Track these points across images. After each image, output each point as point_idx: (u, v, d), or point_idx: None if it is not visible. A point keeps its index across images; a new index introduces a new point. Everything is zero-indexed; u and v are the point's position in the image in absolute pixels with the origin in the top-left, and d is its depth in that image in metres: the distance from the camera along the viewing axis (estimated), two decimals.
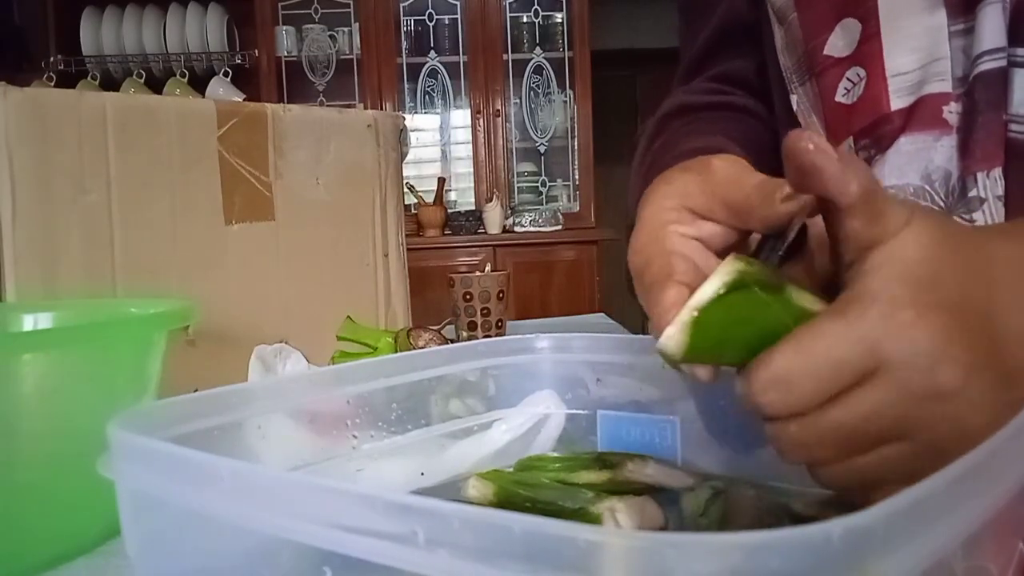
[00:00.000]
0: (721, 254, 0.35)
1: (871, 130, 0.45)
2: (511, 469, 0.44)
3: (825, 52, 0.47)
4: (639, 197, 0.38)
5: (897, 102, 0.44)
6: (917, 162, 0.43)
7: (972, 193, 0.41)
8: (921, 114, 0.43)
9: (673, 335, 0.30)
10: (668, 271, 0.33)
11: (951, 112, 0.42)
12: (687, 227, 0.35)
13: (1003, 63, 0.41)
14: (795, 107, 0.51)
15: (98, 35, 2.85)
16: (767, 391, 0.28)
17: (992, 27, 0.41)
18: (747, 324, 0.29)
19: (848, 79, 0.46)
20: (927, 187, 0.43)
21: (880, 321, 0.27)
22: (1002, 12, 0.41)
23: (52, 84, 2.72)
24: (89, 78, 2.82)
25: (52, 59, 2.84)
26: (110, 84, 2.82)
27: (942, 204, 0.42)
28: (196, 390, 0.36)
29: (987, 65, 0.41)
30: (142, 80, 2.80)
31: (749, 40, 0.56)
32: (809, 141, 0.28)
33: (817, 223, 0.32)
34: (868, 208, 0.28)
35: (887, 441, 0.28)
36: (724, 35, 0.60)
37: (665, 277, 0.33)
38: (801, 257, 0.33)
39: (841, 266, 0.30)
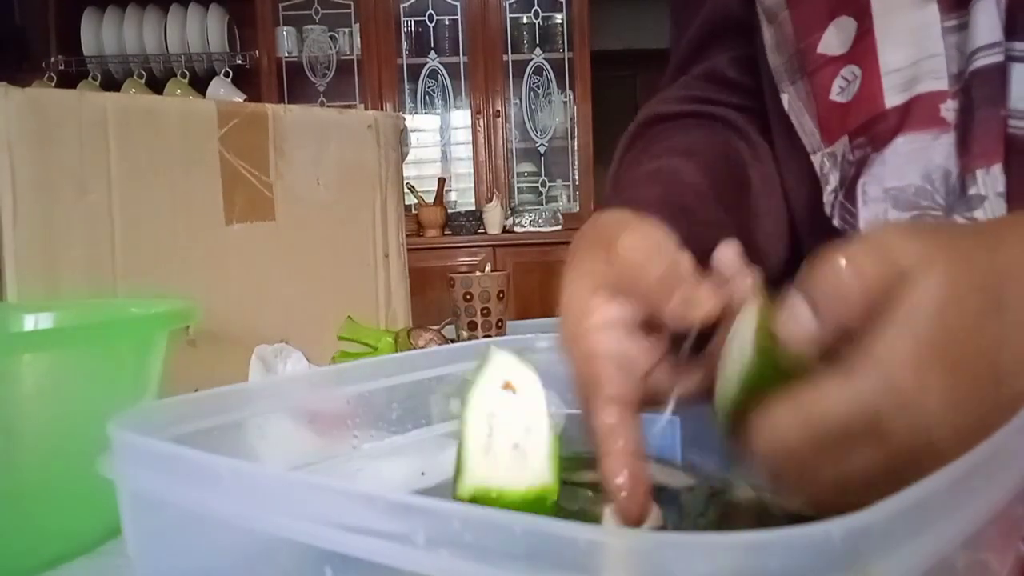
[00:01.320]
0: (644, 329, 0.36)
1: (866, 128, 0.45)
2: None
3: (819, 50, 0.47)
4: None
5: (891, 99, 0.44)
6: (916, 162, 0.43)
7: (972, 191, 0.41)
8: (918, 113, 0.43)
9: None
10: (597, 384, 0.34)
11: (948, 110, 0.42)
12: (603, 314, 0.36)
13: (1000, 58, 0.40)
14: (786, 106, 0.51)
15: (99, 35, 2.85)
16: (767, 456, 0.28)
17: (987, 22, 0.40)
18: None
19: (843, 77, 0.46)
20: (927, 186, 0.43)
21: (882, 391, 0.26)
22: (996, 6, 0.40)
23: (53, 84, 2.72)
24: (90, 78, 2.83)
25: (53, 59, 2.84)
26: (111, 84, 2.82)
27: (942, 203, 0.42)
28: (196, 390, 0.36)
29: (983, 61, 0.41)
30: (143, 80, 2.80)
31: (738, 36, 0.56)
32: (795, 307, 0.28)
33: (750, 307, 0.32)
34: (873, 306, 0.27)
35: (873, 487, 0.28)
36: (712, 31, 0.60)
37: (596, 392, 0.34)
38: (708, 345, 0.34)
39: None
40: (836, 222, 0.47)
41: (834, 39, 0.46)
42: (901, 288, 0.27)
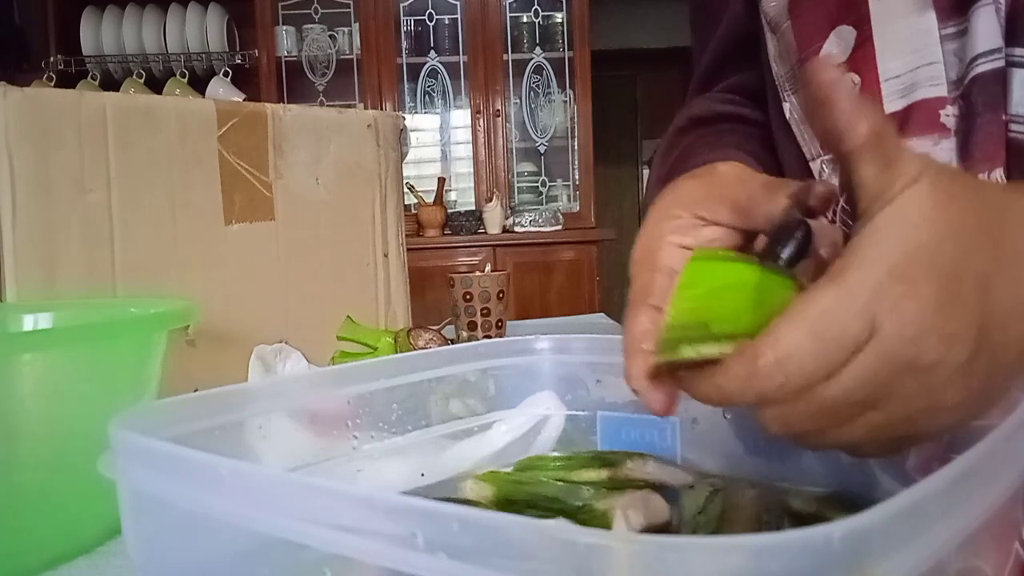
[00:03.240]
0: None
1: None
2: (510, 470, 0.44)
3: None
4: None
5: (890, 105, 0.44)
6: None
7: None
8: (918, 119, 0.43)
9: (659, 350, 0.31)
10: (647, 291, 0.34)
11: (948, 116, 0.43)
12: (684, 236, 0.35)
13: (1000, 64, 0.41)
14: (788, 115, 0.51)
15: (98, 35, 2.85)
16: (775, 375, 0.27)
17: (986, 29, 0.41)
18: (729, 292, 0.30)
19: None
20: None
21: (876, 293, 0.27)
22: (995, 13, 0.41)
23: (52, 84, 2.72)
24: (89, 78, 2.82)
25: (52, 59, 2.84)
26: (110, 84, 2.82)
27: None
28: (196, 390, 0.36)
29: (983, 67, 0.41)
30: (142, 80, 2.80)
31: (753, 51, 0.57)
32: (829, 71, 0.28)
33: (824, 229, 0.32)
34: (879, 153, 0.28)
35: (866, 410, 0.29)
36: (729, 48, 0.61)
37: (641, 299, 0.34)
38: (807, 260, 0.33)
39: (857, 219, 0.30)
40: (838, 227, 0.47)
41: (835, 47, 0.47)
42: (899, 194, 0.28)
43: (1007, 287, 0.28)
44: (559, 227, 2.93)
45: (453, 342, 0.83)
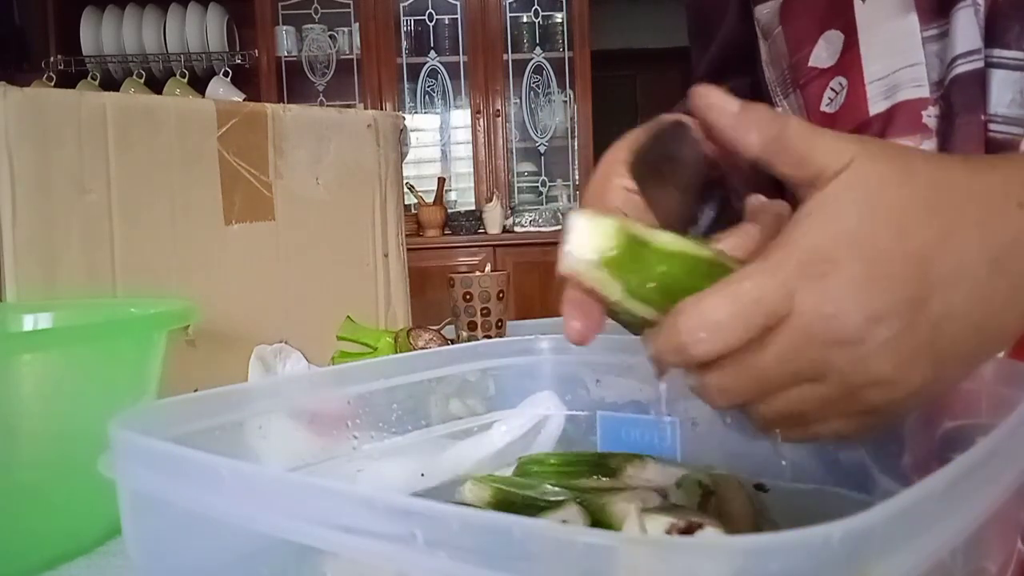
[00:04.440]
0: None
1: None
2: (511, 470, 0.44)
3: (810, 64, 0.48)
4: None
5: (875, 107, 0.45)
6: None
7: None
8: (900, 120, 0.44)
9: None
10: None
11: (929, 116, 0.43)
12: (630, 180, 0.36)
13: (979, 64, 0.41)
14: None
15: (98, 35, 2.85)
16: (698, 338, 0.28)
17: (966, 30, 0.41)
18: (673, 274, 0.30)
19: (832, 89, 0.47)
20: None
21: (797, 270, 0.28)
22: (975, 14, 0.41)
23: (52, 84, 2.72)
24: (89, 78, 2.82)
25: (52, 59, 2.84)
26: (110, 84, 2.82)
27: None
28: (196, 390, 0.36)
29: (963, 68, 0.42)
30: (142, 80, 2.80)
31: (750, 59, 0.57)
32: (706, 98, 0.30)
33: (767, 205, 0.33)
34: (785, 155, 0.29)
35: (802, 382, 0.29)
36: (726, 56, 0.62)
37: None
38: (736, 224, 0.34)
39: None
40: None
41: (824, 52, 0.47)
42: (828, 181, 0.28)
43: (946, 258, 0.28)
44: (559, 227, 2.92)
45: (453, 342, 0.83)
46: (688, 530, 0.30)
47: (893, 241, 0.28)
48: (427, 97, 3.12)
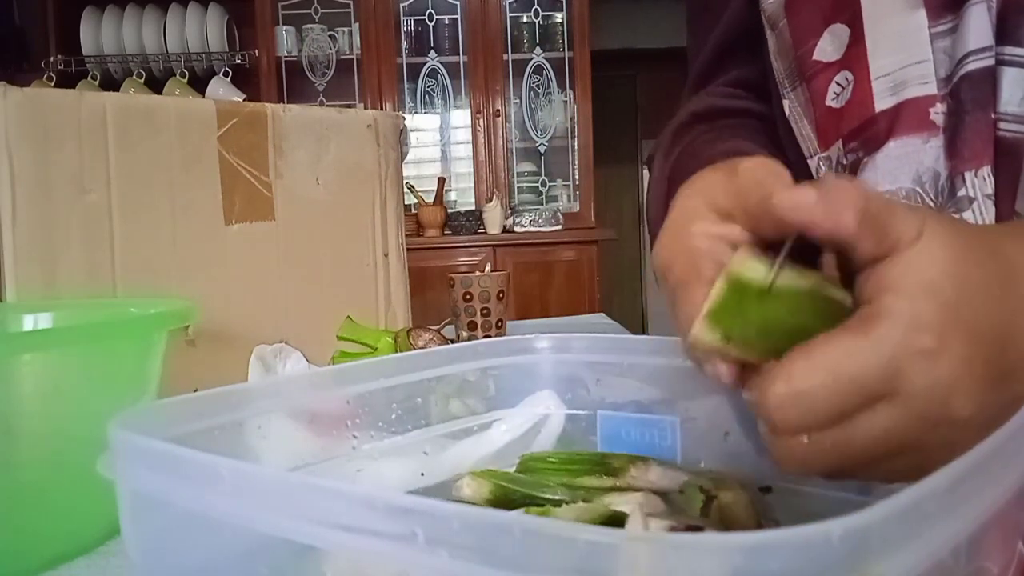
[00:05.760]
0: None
1: (859, 132, 0.46)
2: (512, 469, 0.44)
3: (815, 57, 0.48)
4: (662, 209, 0.37)
5: (881, 103, 0.44)
6: (908, 165, 0.43)
7: (961, 193, 0.41)
8: (908, 118, 0.43)
9: (698, 326, 0.30)
10: (695, 271, 0.32)
11: (937, 113, 0.43)
12: (712, 226, 0.33)
13: (990, 62, 0.41)
14: (787, 112, 0.52)
15: (98, 35, 2.85)
16: (784, 407, 0.27)
17: (978, 26, 0.41)
18: (773, 316, 0.29)
19: (837, 83, 0.47)
20: (918, 189, 0.43)
21: (903, 345, 0.26)
22: (987, 11, 0.41)
23: (52, 84, 2.72)
24: (89, 78, 2.82)
25: (52, 59, 2.84)
26: (110, 84, 2.82)
27: (932, 204, 0.43)
28: (196, 390, 0.36)
29: (973, 65, 0.41)
30: (142, 80, 2.80)
31: (754, 46, 0.57)
32: (786, 200, 0.28)
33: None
34: (872, 231, 0.27)
35: (892, 458, 0.28)
36: (730, 42, 0.61)
37: (693, 278, 0.32)
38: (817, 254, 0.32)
39: (852, 276, 0.29)
40: None
41: (829, 46, 0.47)
42: (905, 249, 0.27)
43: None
44: (559, 227, 2.93)
45: (453, 342, 0.83)
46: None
47: (982, 316, 0.27)
48: (427, 97, 3.12)
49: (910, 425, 0.27)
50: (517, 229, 2.93)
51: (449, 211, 2.98)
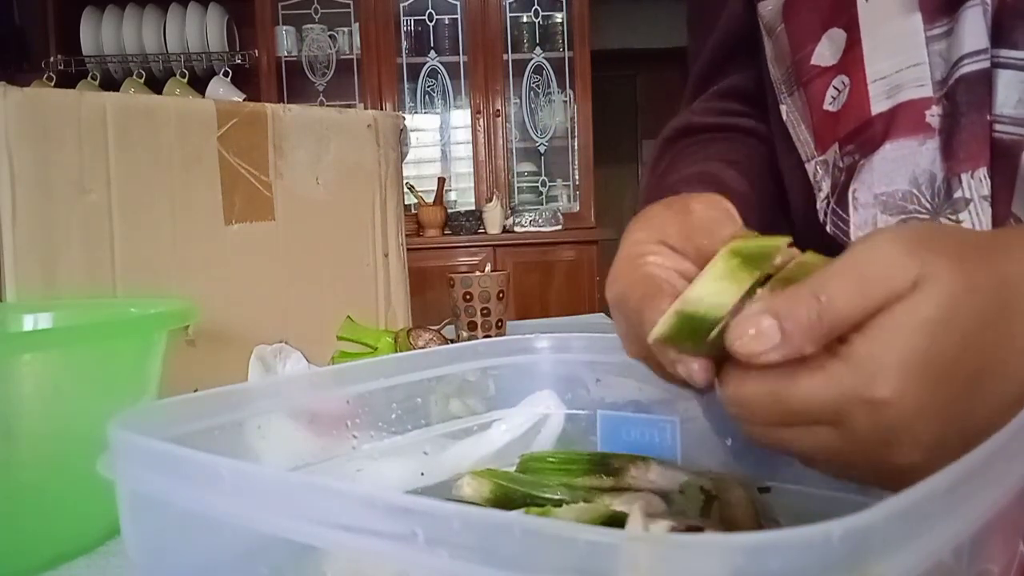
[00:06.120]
0: None
1: (855, 135, 0.46)
2: (512, 469, 0.44)
3: (812, 62, 0.48)
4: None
5: (877, 106, 0.45)
6: (904, 168, 0.44)
7: (957, 194, 0.42)
8: (903, 120, 0.43)
9: (663, 322, 0.31)
10: (657, 288, 0.33)
11: (933, 115, 0.43)
12: (664, 259, 0.35)
13: (986, 64, 0.41)
14: (784, 116, 0.52)
15: (98, 35, 2.85)
16: (730, 407, 0.30)
17: (973, 29, 0.41)
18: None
19: (834, 87, 0.47)
20: (914, 191, 0.43)
21: (853, 390, 0.27)
22: (983, 14, 0.41)
23: (52, 84, 2.72)
24: (89, 78, 2.82)
25: (52, 59, 2.84)
26: (110, 84, 2.82)
27: (929, 206, 0.43)
28: (196, 390, 0.36)
29: (969, 67, 0.41)
30: (142, 80, 2.80)
31: (753, 50, 0.57)
32: (736, 345, 0.28)
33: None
34: (830, 333, 0.27)
35: (824, 463, 0.30)
36: (728, 46, 0.61)
37: (655, 293, 0.33)
38: None
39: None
40: (829, 228, 0.48)
41: (826, 50, 0.47)
42: (898, 298, 0.27)
43: (997, 383, 0.27)
44: (559, 227, 2.93)
45: (453, 342, 0.83)
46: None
47: (955, 363, 0.27)
48: (427, 97, 3.12)
49: (844, 450, 0.28)
50: (517, 229, 2.93)
51: (449, 211, 2.98)
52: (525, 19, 3.06)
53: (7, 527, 0.44)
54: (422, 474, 0.43)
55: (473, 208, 3.03)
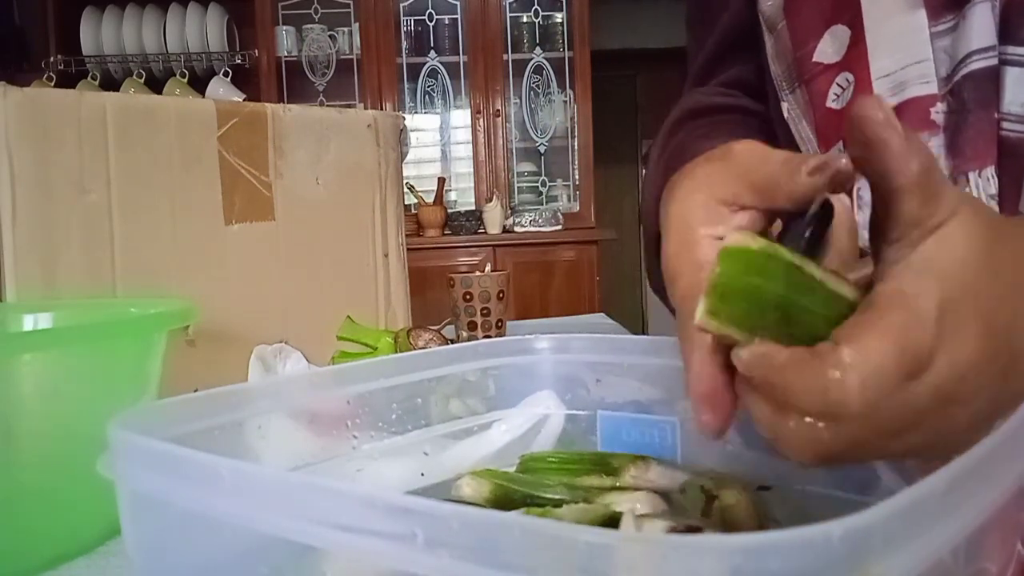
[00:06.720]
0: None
1: None
2: (512, 469, 0.44)
3: (815, 59, 0.48)
4: (655, 202, 0.37)
5: None
6: None
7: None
8: (908, 117, 0.43)
9: (700, 307, 0.29)
10: (699, 287, 0.31)
11: (938, 113, 0.43)
12: (716, 227, 0.33)
13: (994, 62, 0.41)
14: (786, 114, 0.52)
15: (98, 35, 2.85)
16: (866, 387, 0.26)
17: (981, 25, 0.41)
18: (773, 290, 0.28)
19: (838, 84, 0.47)
20: None
21: (935, 327, 0.26)
22: (991, 11, 0.41)
23: (52, 84, 2.72)
24: (89, 78, 2.82)
25: (52, 59, 2.84)
26: (110, 84, 2.82)
27: None
28: (196, 390, 0.36)
29: (977, 64, 0.41)
30: (142, 80, 2.80)
31: (753, 46, 0.57)
32: (880, 110, 0.27)
33: (841, 208, 0.32)
34: (924, 189, 0.27)
35: (902, 435, 0.28)
36: (729, 42, 0.61)
37: (697, 294, 0.31)
38: (825, 245, 0.32)
39: (884, 240, 0.29)
40: None
41: (829, 47, 0.47)
42: (940, 226, 0.27)
43: None
44: (559, 227, 2.93)
45: (453, 342, 0.83)
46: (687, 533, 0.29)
47: (997, 301, 0.27)
48: (427, 97, 3.12)
49: (930, 402, 0.27)
50: (517, 229, 2.93)
51: (449, 211, 2.98)
52: (525, 19, 3.06)
53: (7, 527, 0.44)
54: (422, 474, 0.43)
55: (473, 208, 3.03)
